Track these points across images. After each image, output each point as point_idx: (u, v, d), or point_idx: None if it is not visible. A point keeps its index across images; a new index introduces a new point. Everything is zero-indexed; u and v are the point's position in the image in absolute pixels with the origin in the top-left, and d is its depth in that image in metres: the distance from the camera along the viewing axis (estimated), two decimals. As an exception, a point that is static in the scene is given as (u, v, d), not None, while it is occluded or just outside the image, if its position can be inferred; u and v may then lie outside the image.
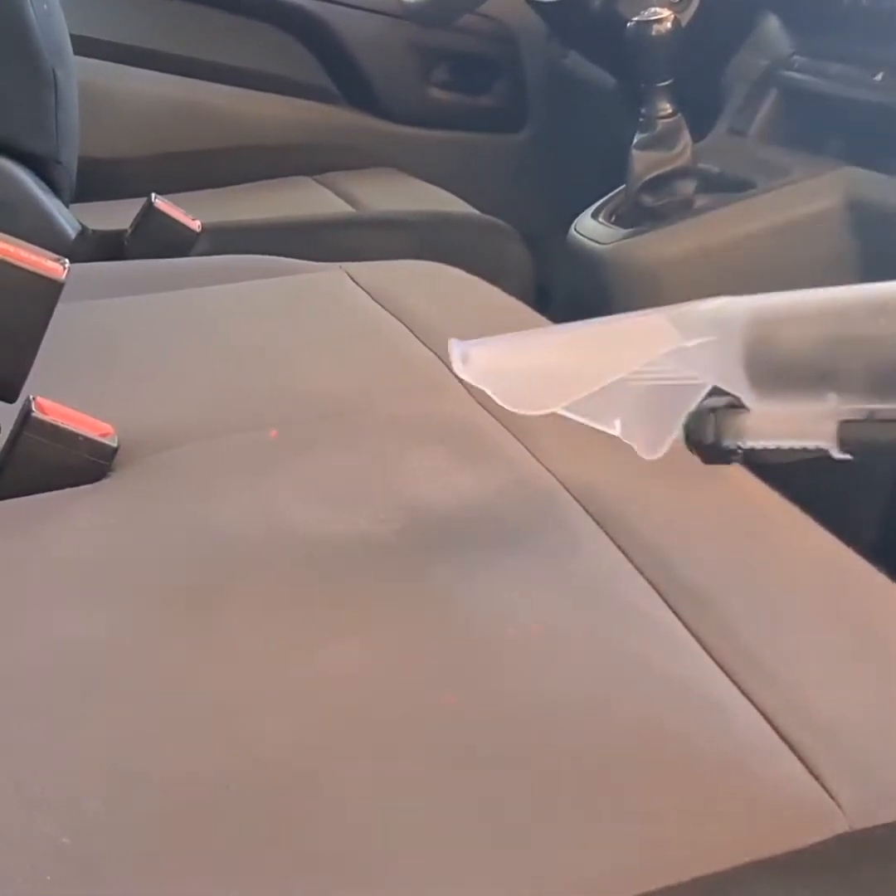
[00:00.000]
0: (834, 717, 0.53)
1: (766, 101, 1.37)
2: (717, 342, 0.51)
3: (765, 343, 0.50)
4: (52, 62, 1.32)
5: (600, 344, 0.59)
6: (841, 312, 0.49)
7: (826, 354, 0.49)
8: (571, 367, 0.59)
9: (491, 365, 0.61)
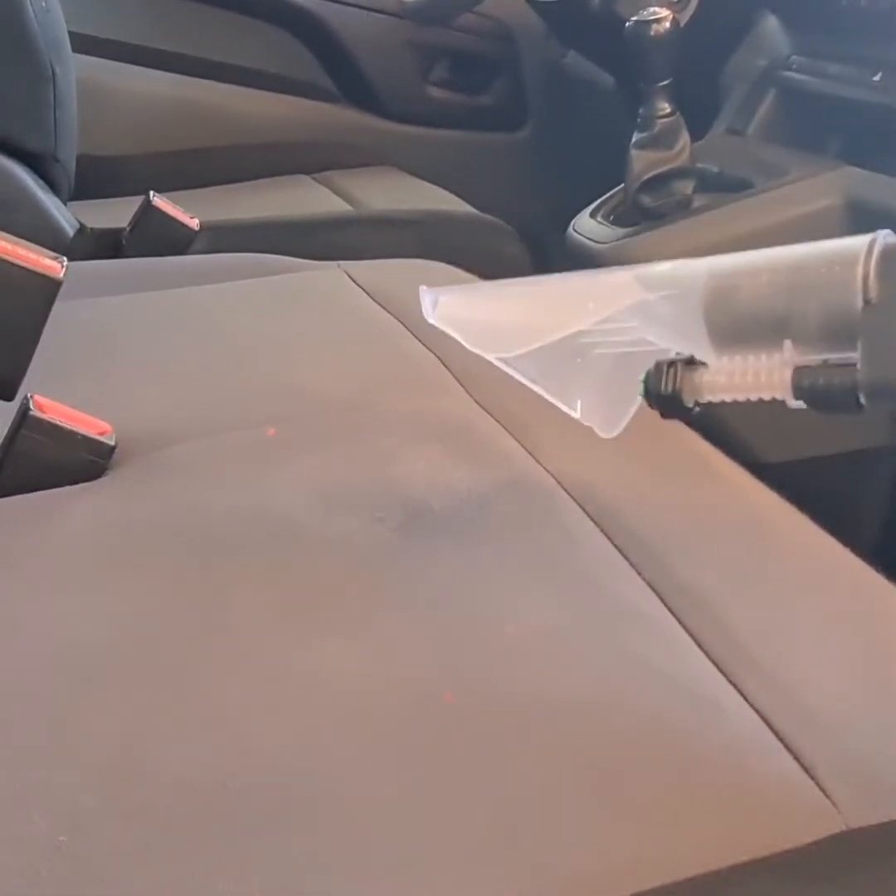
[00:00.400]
0: (830, 716, 0.53)
1: (764, 101, 1.37)
2: (679, 295, 0.53)
3: (724, 295, 0.52)
4: (50, 59, 1.32)
5: (566, 295, 0.60)
6: (796, 263, 0.51)
7: (782, 303, 0.51)
8: (537, 315, 0.60)
9: (459, 311, 0.62)
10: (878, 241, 0.49)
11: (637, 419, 0.83)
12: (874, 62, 1.21)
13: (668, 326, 0.55)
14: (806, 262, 0.51)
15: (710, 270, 0.53)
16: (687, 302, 0.53)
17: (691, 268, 0.54)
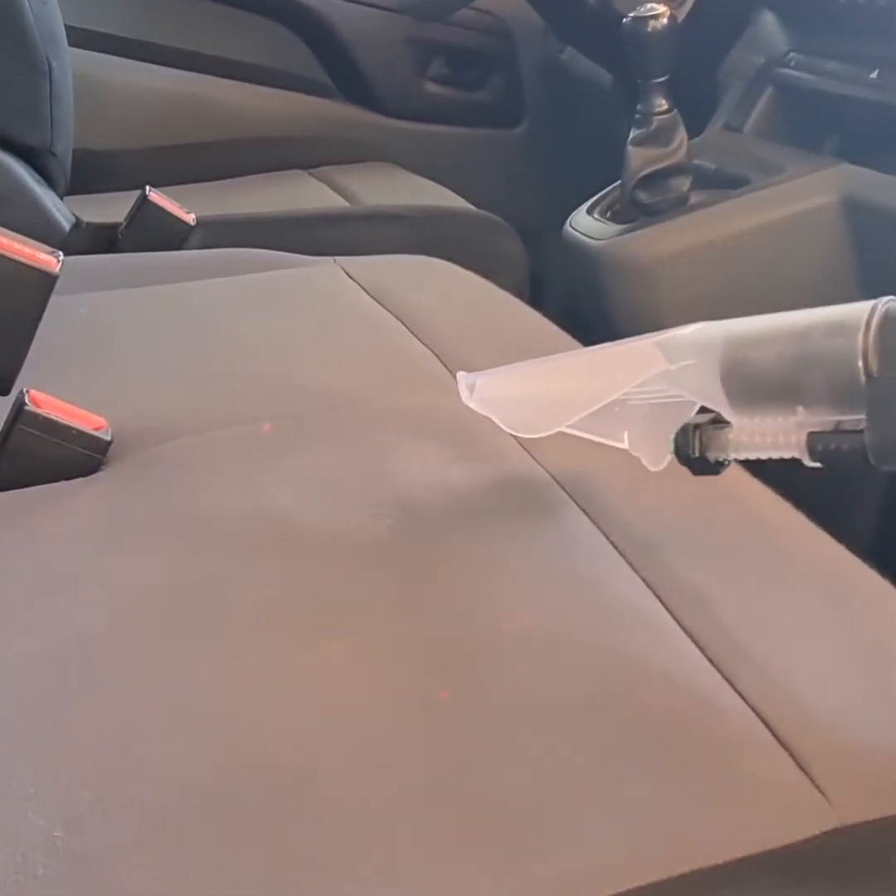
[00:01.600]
0: (825, 713, 0.53)
1: (761, 99, 1.37)
2: (698, 364, 0.58)
3: (738, 364, 0.56)
4: (46, 54, 1.31)
5: (593, 369, 0.65)
6: (803, 334, 0.54)
7: (792, 372, 0.54)
8: (568, 392, 0.65)
9: (495, 393, 0.68)
10: (878, 312, 0.51)
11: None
12: (871, 60, 1.21)
13: (691, 392, 0.59)
14: (811, 333, 0.54)
15: (725, 341, 0.57)
16: (705, 371, 0.57)
17: (708, 337, 0.58)
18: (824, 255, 1.20)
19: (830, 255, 1.20)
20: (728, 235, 1.22)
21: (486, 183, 1.80)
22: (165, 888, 0.44)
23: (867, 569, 0.63)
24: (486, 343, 0.93)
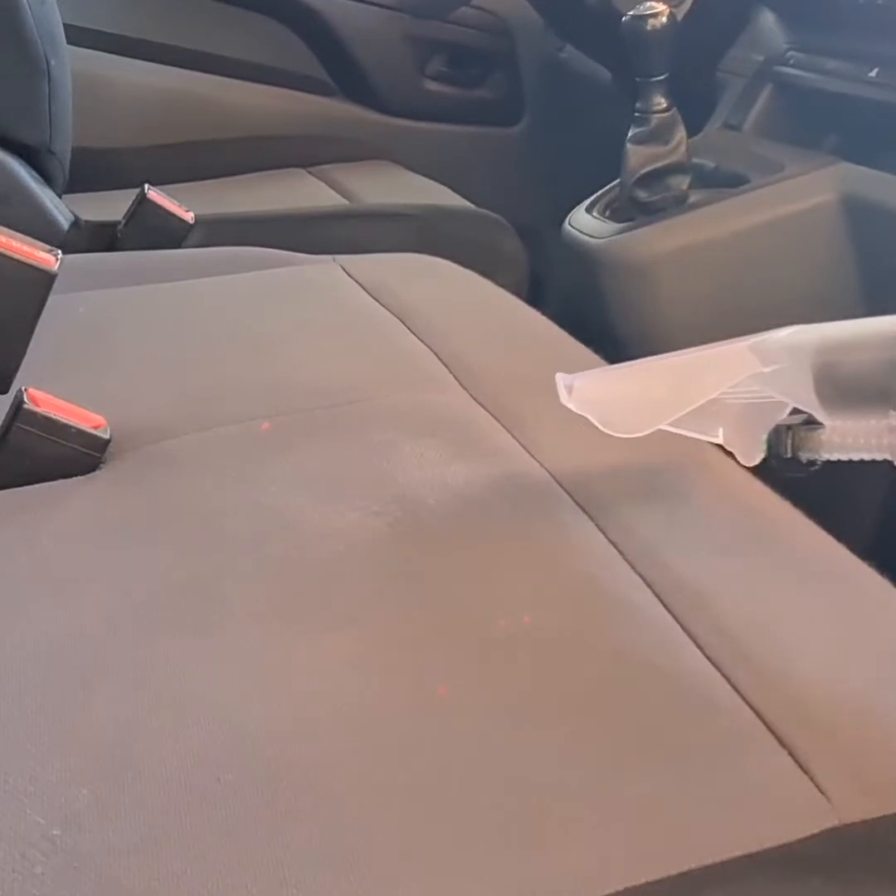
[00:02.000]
0: (824, 712, 0.53)
1: (760, 97, 1.37)
2: (790, 368, 0.58)
3: (831, 368, 0.57)
4: (45, 51, 1.31)
5: (689, 371, 0.66)
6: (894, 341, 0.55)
7: (884, 377, 0.55)
8: (664, 393, 0.66)
9: (592, 394, 0.68)
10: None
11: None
12: (870, 58, 1.21)
13: (784, 394, 0.60)
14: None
15: (818, 346, 0.58)
16: (798, 374, 0.58)
17: (801, 341, 0.59)
18: (823, 254, 1.20)
19: (829, 253, 1.20)
20: (727, 234, 1.22)
21: (485, 181, 1.80)
22: (164, 887, 0.44)
23: (867, 568, 0.63)
24: (486, 341, 0.93)
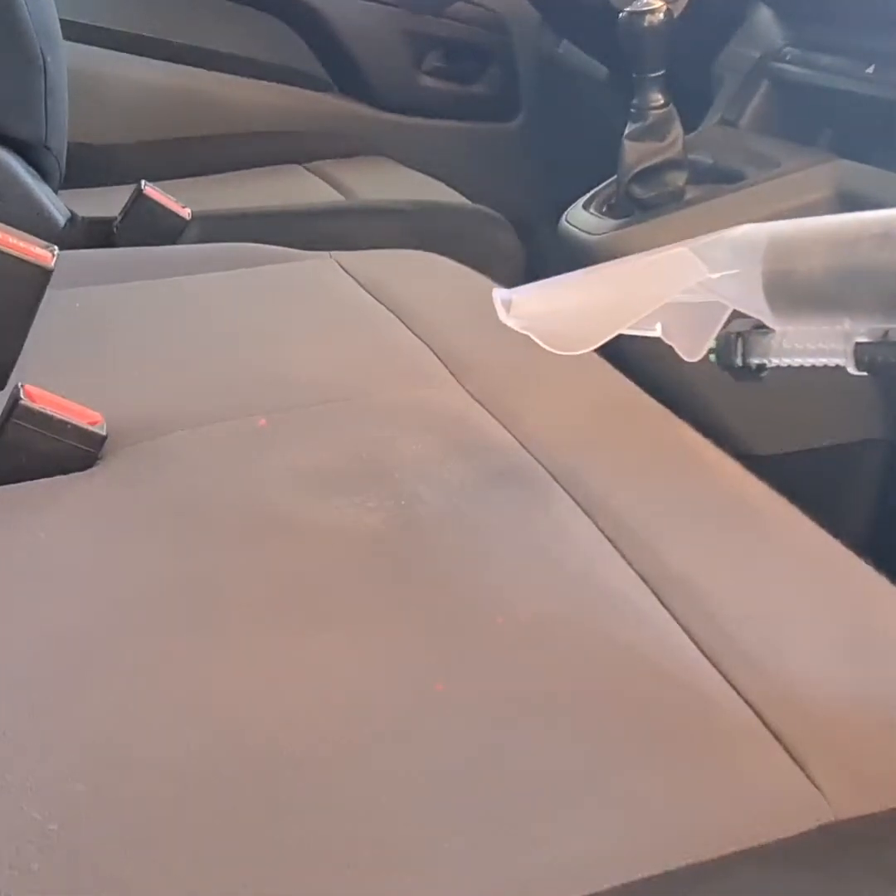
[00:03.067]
0: (820, 707, 0.53)
1: (757, 93, 1.37)
2: (739, 274, 0.56)
3: (783, 275, 0.54)
4: (41, 47, 1.31)
5: (631, 280, 0.63)
6: (850, 244, 0.52)
7: (838, 284, 0.52)
8: (606, 305, 0.63)
9: (533, 309, 0.64)
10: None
11: (629, 410, 0.83)
12: (867, 54, 1.21)
13: (732, 301, 0.57)
14: (859, 244, 0.52)
15: (768, 251, 0.55)
16: (748, 280, 0.55)
17: (750, 245, 0.56)
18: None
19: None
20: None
21: (481, 177, 1.80)
22: (160, 881, 0.44)
23: (860, 561, 0.63)
24: (481, 337, 0.93)
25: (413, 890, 0.44)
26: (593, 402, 0.83)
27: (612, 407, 0.83)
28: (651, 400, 0.82)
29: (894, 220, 0.51)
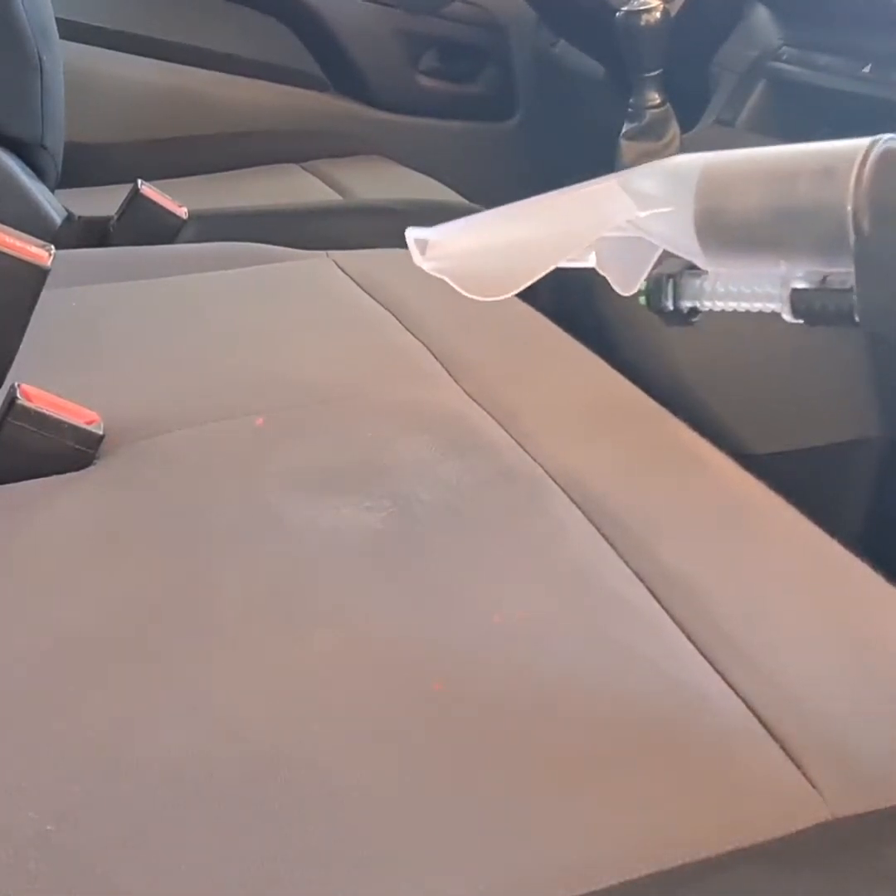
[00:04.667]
0: (816, 705, 0.53)
1: (754, 92, 1.37)
2: (670, 213, 0.52)
3: (715, 214, 0.51)
4: (38, 46, 1.31)
5: (556, 217, 0.59)
6: (787, 182, 0.49)
7: (774, 225, 0.49)
8: (529, 244, 0.58)
9: (450, 251, 0.59)
10: (872, 156, 0.46)
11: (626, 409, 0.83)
12: (864, 54, 1.21)
13: (662, 240, 0.54)
14: (796, 182, 0.48)
15: (700, 187, 0.51)
16: (678, 220, 0.52)
17: (681, 180, 0.52)
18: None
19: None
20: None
21: (478, 176, 1.80)
22: (158, 882, 0.44)
23: (857, 561, 0.63)
24: (479, 336, 0.93)
25: (412, 890, 0.44)
26: (591, 402, 0.83)
27: (609, 406, 0.83)
28: (648, 399, 0.82)
29: (835, 154, 0.48)
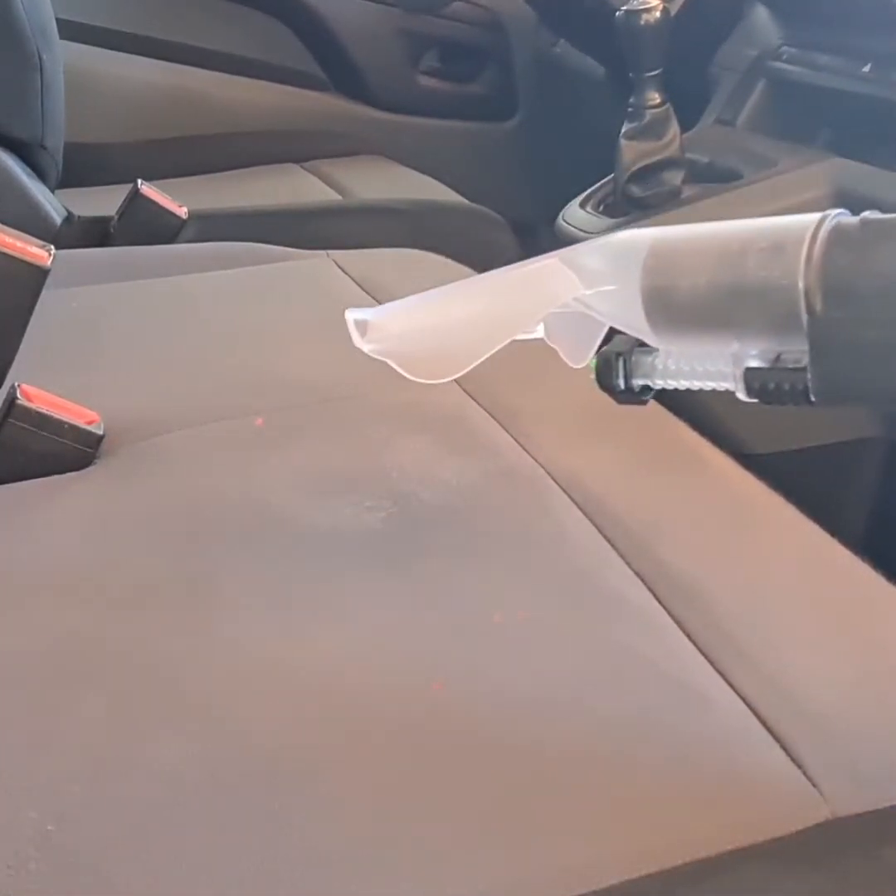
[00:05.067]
0: (817, 706, 0.53)
1: (754, 92, 1.37)
2: (616, 291, 0.51)
3: (663, 292, 0.49)
4: (37, 46, 1.31)
5: (500, 296, 0.57)
6: (736, 261, 0.47)
7: (723, 302, 0.48)
8: (472, 325, 0.57)
9: (391, 332, 0.58)
10: (821, 234, 0.45)
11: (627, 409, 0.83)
12: (864, 53, 1.21)
13: (609, 318, 0.52)
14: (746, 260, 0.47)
15: (647, 265, 0.50)
16: (625, 298, 0.50)
17: (627, 258, 0.51)
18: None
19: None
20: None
21: (478, 176, 1.80)
22: (158, 882, 0.44)
23: (859, 561, 0.63)
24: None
25: (412, 890, 0.44)
26: (591, 402, 0.83)
27: (609, 406, 0.83)
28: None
29: (784, 231, 0.46)
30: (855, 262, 0.44)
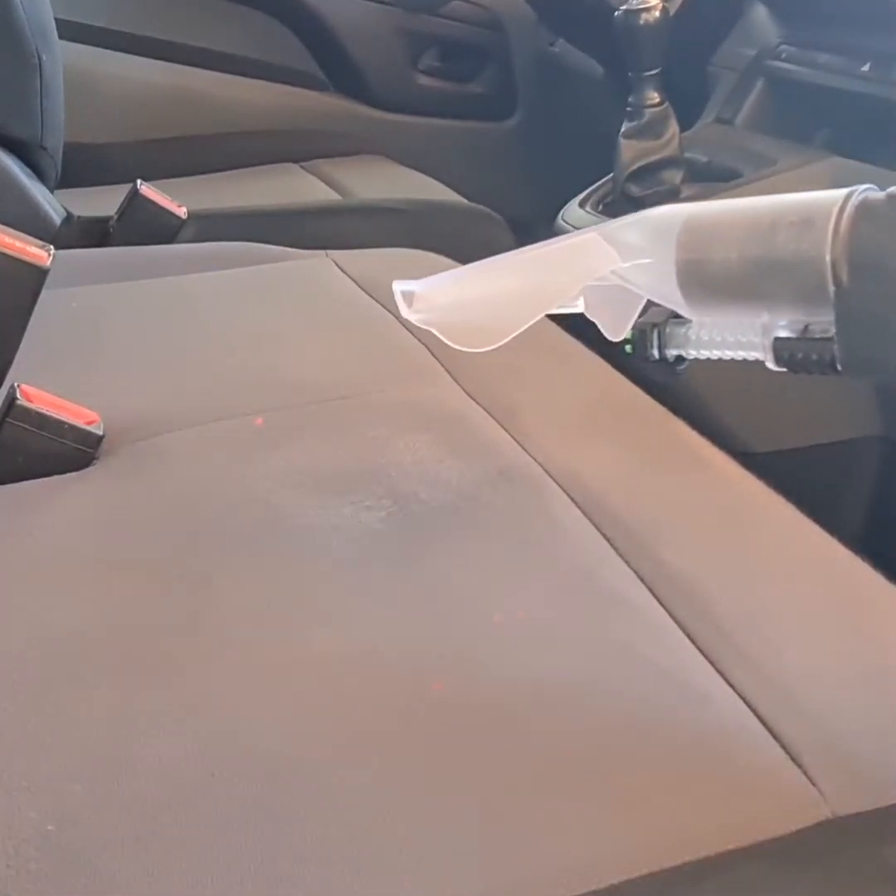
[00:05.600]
0: (817, 705, 0.53)
1: (753, 91, 1.37)
2: (652, 265, 0.53)
3: (696, 265, 0.51)
4: (37, 46, 1.31)
5: (540, 269, 0.60)
6: (767, 234, 0.49)
7: (755, 277, 0.50)
8: (514, 296, 0.59)
9: (438, 303, 0.60)
10: (848, 209, 0.46)
11: (626, 409, 0.83)
12: (862, 52, 1.21)
13: (645, 290, 0.54)
14: (776, 234, 0.49)
15: (681, 240, 0.52)
16: (660, 271, 0.52)
17: (663, 232, 0.53)
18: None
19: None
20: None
21: (477, 176, 1.80)
22: (158, 881, 0.44)
23: (858, 560, 0.63)
24: (479, 336, 0.93)
25: (412, 890, 0.44)
26: (591, 401, 0.83)
27: (609, 405, 0.83)
28: (648, 398, 0.82)
29: (813, 206, 0.48)
30: (881, 235, 0.46)
